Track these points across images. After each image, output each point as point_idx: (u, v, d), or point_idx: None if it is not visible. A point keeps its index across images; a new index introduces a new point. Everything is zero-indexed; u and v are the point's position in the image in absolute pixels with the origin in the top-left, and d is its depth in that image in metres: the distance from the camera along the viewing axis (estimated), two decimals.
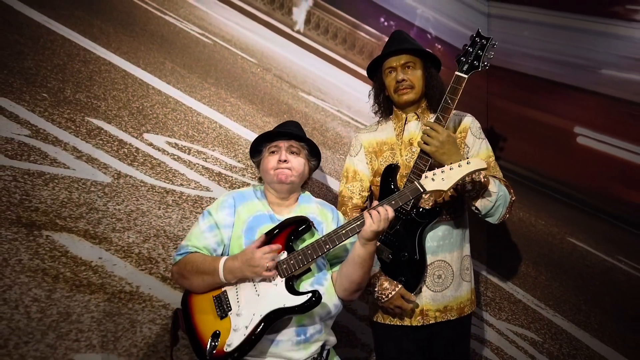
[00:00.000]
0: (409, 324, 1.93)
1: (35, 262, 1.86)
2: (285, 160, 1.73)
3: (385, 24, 2.85)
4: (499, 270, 2.90)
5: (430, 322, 1.92)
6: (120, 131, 2.15)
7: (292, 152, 1.76)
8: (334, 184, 2.61)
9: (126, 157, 2.12)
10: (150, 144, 2.20)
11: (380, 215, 1.55)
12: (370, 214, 1.56)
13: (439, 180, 1.62)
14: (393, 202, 1.62)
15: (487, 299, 2.91)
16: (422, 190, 1.64)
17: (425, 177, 1.64)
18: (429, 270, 1.91)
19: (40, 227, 1.89)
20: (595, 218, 2.50)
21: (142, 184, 2.13)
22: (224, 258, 1.59)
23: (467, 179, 1.76)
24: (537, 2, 2.81)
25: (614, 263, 2.42)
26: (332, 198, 2.48)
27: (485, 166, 1.63)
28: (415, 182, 1.66)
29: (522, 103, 2.86)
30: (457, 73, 1.80)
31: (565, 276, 2.61)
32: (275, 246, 1.55)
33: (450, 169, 1.62)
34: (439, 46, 2.96)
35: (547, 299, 2.68)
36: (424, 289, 1.92)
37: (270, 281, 1.57)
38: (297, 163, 1.75)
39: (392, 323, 1.95)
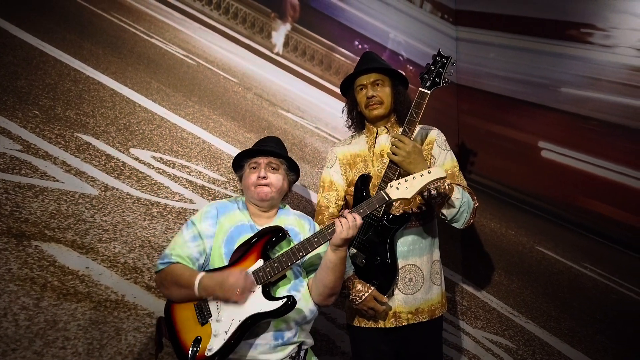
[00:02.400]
0: (383, 326, 1.99)
1: (24, 271, 1.89)
2: (264, 177, 1.79)
3: (360, 46, 2.97)
4: (474, 279, 2.97)
5: (403, 324, 1.98)
6: (108, 146, 2.20)
7: (272, 169, 1.82)
8: (313, 196, 2.67)
9: (113, 170, 2.18)
10: (137, 159, 2.25)
11: (349, 223, 1.61)
12: (340, 222, 1.62)
13: (403, 189, 1.71)
14: (361, 210, 1.69)
15: (463, 308, 2.97)
16: (387, 199, 1.72)
17: (391, 186, 1.73)
18: (400, 274, 1.99)
19: (29, 237, 1.93)
20: (561, 227, 2.59)
21: (128, 197, 2.18)
22: (201, 274, 1.62)
23: (432, 188, 1.87)
24: (501, 26, 2.97)
25: (581, 270, 2.51)
26: (312, 210, 2.54)
27: (444, 175, 1.72)
28: (381, 191, 1.74)
29: (490, 120, 3.00)
30: (420, 89, 1.92)
31: (535, 284, 2.69)
32: (251, 280, 1.60)
33: (413, 179, 1.71)
34: (411, 67, 3.08)
35: (519, 306, 2.74)
36: (396, 291, 1.99)
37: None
38: (276, 179, 1.81)
39: (367, 326, 2.01)
